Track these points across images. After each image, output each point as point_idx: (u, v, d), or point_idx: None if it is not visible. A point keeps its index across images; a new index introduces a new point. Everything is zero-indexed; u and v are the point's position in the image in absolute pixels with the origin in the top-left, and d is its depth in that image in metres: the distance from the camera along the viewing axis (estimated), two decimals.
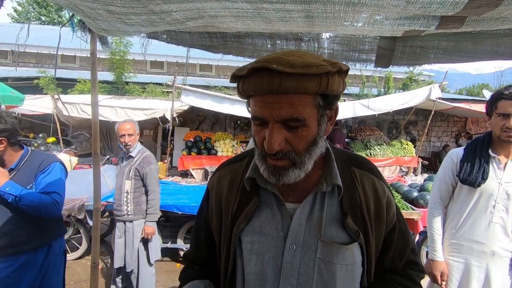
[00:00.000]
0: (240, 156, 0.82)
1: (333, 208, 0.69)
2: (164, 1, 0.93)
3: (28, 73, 7.58)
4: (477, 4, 0.72)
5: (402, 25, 0.93)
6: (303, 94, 0.59)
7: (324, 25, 1.01)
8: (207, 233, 0.81)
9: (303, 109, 0.60)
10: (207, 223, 0.80)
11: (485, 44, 1.22)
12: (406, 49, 1.33)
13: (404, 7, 0.76)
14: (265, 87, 0.58)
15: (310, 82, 0.57)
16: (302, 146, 0.62)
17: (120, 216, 2.55)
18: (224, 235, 0.73)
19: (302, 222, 0.67)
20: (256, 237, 0.68)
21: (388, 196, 0.74)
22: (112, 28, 1.33)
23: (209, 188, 0.81)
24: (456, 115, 9.52)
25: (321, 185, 0.68)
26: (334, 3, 0.79)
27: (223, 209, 0.75)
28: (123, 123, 2.56)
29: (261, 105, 0.61)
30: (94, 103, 1.84)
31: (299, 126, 0.61)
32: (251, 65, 0.58)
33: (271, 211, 0.69)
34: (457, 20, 0.88)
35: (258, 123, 0.64)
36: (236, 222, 0.70)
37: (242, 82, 0.62)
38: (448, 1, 0.72)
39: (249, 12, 0.95)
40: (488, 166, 1.52)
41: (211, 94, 6.39)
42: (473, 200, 1.54)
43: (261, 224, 0.69)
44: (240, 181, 0.74)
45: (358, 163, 0.76)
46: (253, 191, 0.71)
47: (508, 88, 1.45)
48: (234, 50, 1.75)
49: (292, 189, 0.70)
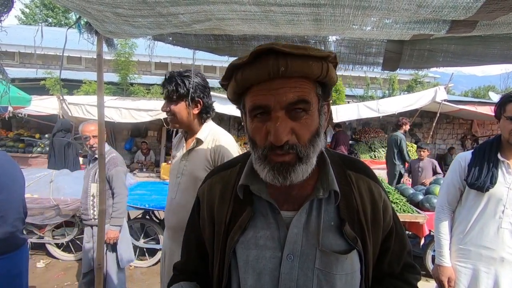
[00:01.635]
0: (231, 163, 0.79)
1: (330, 215, 0.67)
2: (172, 4, 0.93)
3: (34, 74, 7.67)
4: (490, 8, 0.71)
5: (412, 29, 0.92)
6: (306, 79, 0.60)
7: (332, 28, 1.01)
8: (198, 243, 0.78)
9: (307, 93, 0.60)
10: (198, 234, 0.77)
11: (495, 48, 1.20)
12: (414, 52, 1.31)
13: (415, 11, 0.75)
14: (270, 71, 0.57)
15: (314, 64, 0.58)
16: (307, 136, 0.61)
17: (87, 220, 2.46)
18: (217, 247, 0.70)
19: (299, 231, 0.64)
20: (251, 248, 0.65)
21: (384, 199, 0.72)
22: (118, 31, 1.33)
23: (199, 197, 0.78)
24: (461, 118, 9.43)
25: (318, 191, 0.66)
26: (344, 6, 0.78)
27: (215, 219, 0.71)
28: (87, 124, 2.44)
29: (264, 93, 0.59)
30: (100, 104, 1.84)
31: (303, 113, 0.60)
32: (254, 50, 0.58)
33: (266, 220, 0.66)
34: (468, 25, 0.86)
35: (259, 116, 0.61)
36: (230, 233, 0.67)
37: (242, 71, 0.60)
38: (461, 5, 0.70)
39: (256, 15, 0.95)
40: (497, 171, 1.50)
41: (215, 95, 6.41)
42: (482, 205, 1.53)
43: (256, 235, 0.66)
44: (232, 189, 0.71)
45: (353, 166, 0.73)
46: (247, 199, 0.68)
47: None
48: (239, 52, 1.74)
49: (287, 196, 0.68)
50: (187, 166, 1.44)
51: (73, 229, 3.56)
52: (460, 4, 0.70)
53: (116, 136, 8.59)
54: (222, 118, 8.68)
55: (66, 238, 3.55)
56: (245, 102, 0.64)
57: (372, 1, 0.72)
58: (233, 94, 0.66)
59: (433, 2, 0.70)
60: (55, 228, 3.55)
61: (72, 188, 3.60)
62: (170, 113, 1.45)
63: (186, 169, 1.44)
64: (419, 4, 0.71)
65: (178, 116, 1.45)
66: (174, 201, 1.44)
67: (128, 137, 8.96)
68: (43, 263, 3.49)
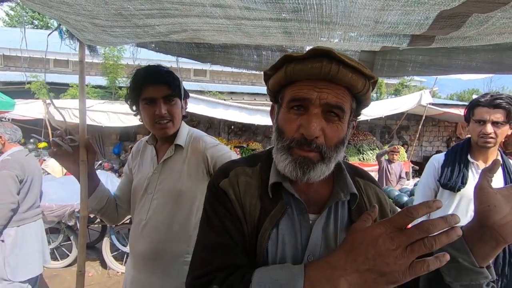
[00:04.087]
0: (249, 161, 0.76)
1: (345, 219, 0.69)
2: (147, 16, 0.96)
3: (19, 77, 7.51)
4: (441, 25, 0.76)
5: (376, 41, 0.98)
6: (347, 91, 0.64)
7: (303, 40, 1.05)
8: (241, 235, 0.67)
9: (345, 103, 0.64)
10: (239, 226, 0.67)
11: (458, 59, 1.28)
12: (385, 62, 1.38)
13: (374, 26, 0.80)
14: (322, 71, 0.60)
15: (359, 79, 0.62)
16: (335, 140, 0.64)
17: None
18: (248, 243, 0.67)
19: (319, 233, 0.67)
20: (279, 245, 0.66)
21: (390, 204, 0.77)
22: (98, 39, 1.35)
23: (225, 189, 0.69)
24: (447, 120, 9.69)
25: (339, 194, 0.68)
26: (308, 21, 0.83)
27: (244, 212, 0.68)
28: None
29: (309, 88, 0.62)
30: (82, 110, 1.84)
31: (336, 118, 0.63)
32: (312, 48, 0.62)
33: (291, 220, 0.67)
34: (427, 38, 0.92)
35: (295, 108, 0.64)
36: (260, 229, 0.65)
37: (294, 64, 0.63)
38: (414, 22, 0.76)
39: (229, 27, 0.98)
40: (468, 171, 1.58)
41: (205, 99, 6.42)
42: (454, 204, 1.59)
43: (284, 232, 0.66)
44: (256, 187, 0.70)
45: (359, 173, 0.78)
46: (276, 197, 0.68)
47: (485, 96, 1.51)
48: (221, 60, 1.78)
49: (308, 199, 0.70)
50: (164, 180, 1.20)
51: (59, 236, 3.51)
52: (412, 21, 0.75)
53: (104, 141, 8.47)
54: (213, 122, 8.68)
55: (51, 245, 3.48)
56: (286, 93, 0.67)
57: (333, 17, 0.77)
58: (277, 85, 0.68)
59: (388, 19, 0.75)
60: None
61: (57, 194, 3.54)
62: (166, 117, 1.19)
63: (163, 183, 1.20)
64: (376, 20, 0.76)
65: (176, 120, 1.22)
66: (145, 223, 1.18)
67: (116, 141, 8.85)
68: None
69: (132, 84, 1.23)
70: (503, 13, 0.63)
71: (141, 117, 1.27)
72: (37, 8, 1.04)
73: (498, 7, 0.59)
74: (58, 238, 3.48)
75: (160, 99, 1.18)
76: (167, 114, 1.19)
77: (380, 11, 0.70)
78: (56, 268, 3.54)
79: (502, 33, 0.84)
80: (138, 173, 1.30)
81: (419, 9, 0.68)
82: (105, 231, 3.78)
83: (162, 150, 1.28)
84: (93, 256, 3.85)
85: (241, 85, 11.35)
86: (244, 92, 9.25)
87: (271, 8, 0.72)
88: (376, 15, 0.73)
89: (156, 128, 1.21)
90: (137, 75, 1.23)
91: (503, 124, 1.47)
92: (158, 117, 1.18)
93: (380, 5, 0.67)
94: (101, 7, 0.93)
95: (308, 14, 0.75)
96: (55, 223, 3.34)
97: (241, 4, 0.72)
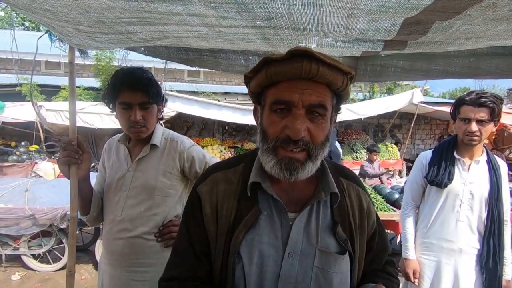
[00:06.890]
0: (234, 162, 0.79)
1: (327, 217, 0.71)
2: (128, 24, 0.98)
3: (9, 79, 7.43)
4: (408, 31, 0.80)
5: (352, 47, 1.01)
6: (327, 88, 0.66)
7: (283, 45, 1.08)
8: (202, 240, 0.72)
9: (327, 101, 0.66)
10: (202, 231, 0.72)
11: (438, 64, 1.32)
12: (368, 67, 1.41)
13: (345, 33, 0.83)
14: (302, 71, 0.62)
15: (338, 76, 0.64)
16: (321, 138, 0.66)
17: None
18: (220, 245, 0.70)
19: (300, 230, 0.68)
20: (255, 245, 0.67)
21: (368, 205, 0.79)
22: (84, 44, 1.36)
23: (200, 194, 0.73)
24: (439, 118, 9.81)
25: (320, 194, 0.70)
26: (283, 28, 0.86)
27: (218, 218, 0.71)
28: None
29: (291, 89, 0.64)
30: (72, 112, 1.84)
31: (319, 117, 0.65)
32: (291, 50, 0.63)
33: (271, 219, 0.69)
34: (400, 43, 0.96)
35: (278, 111, 0.65)
36: (235, 232, 0.68)
37: (274, 66, 0.64)
38: (382, 28, 0.79)
39: (209, 34, 1.01)
40: (454, 168, 1.62)
41: (198, 100, 6.42)
42: (441, 200, 1.64)
43: (261, 233, 0.68)
44: (236, 187, 0.72)
45: (344, 174, 0.80)
46: (253, 198, 0.70)
47: (470, 94, 1.55)
48: (209, 64, 1.80)
49: (290, 198, 0.72)
50: (139, 177, 1.24)
51: (51, 239, 3.48)
52: (381, 27, 0.79)
53: (97, 142, 8.42)
54: (207, 123, 8.68)
55: (43, 249, 3.46)
56: (267, 95, 0.68)
57: (305, 24, 0.80)
58: (258, 86, 0.70)
59: (358, 25, 0.78)
60: (31, 238, 3.46)
61: (48, 196, 3.53)
62: (140, 122, 1.22)
63: (138, 181, 1.24)
64: (346, 27, 0.80)
65: (150, 124, 1.26)
66: (119, 219, 1.22)
67: None
68: (19, 276, 3.40)
69: (111, 85, 1.25)
70: (461, 21, 0.67)
71: (117, 117, 1.30)
72: (23, 12, 1.06)
73: (454, 16, 0.63)
74: (50, 241, 3.46)
75: (136, 105, 1.20)
76: (141, 120, 1.21)
77: (348, 18, 0.73)
78: (48, 271, 3.53)
79: (469, 38, 0.88)
80: (111, 171, 1.32)
81: (384, 17, 0.71)
82: (98, 233, 3.77)
83: (135, 149, 1.32)
84: (86, 259, 3.84)
85: (235, 86, 11.36)
86: (238, 92, 9.26)
87: (244, 16, 0.75)
88: (345, 22, 0.77)
89: (130, 131, 1.26)
90: (116, 77, 1.24)
91: (488, 122, 1.50)
92: (133, 122, 1.21)
93: (346, 13, 0.70)
94: (82, 15, 0.95)
95: (280, 21, 0.78)
96: (47, 226, 3.32)
97: (215, 13, 0.75)
